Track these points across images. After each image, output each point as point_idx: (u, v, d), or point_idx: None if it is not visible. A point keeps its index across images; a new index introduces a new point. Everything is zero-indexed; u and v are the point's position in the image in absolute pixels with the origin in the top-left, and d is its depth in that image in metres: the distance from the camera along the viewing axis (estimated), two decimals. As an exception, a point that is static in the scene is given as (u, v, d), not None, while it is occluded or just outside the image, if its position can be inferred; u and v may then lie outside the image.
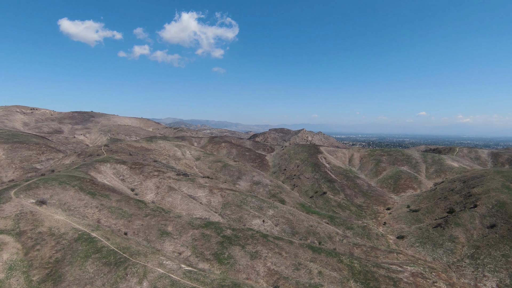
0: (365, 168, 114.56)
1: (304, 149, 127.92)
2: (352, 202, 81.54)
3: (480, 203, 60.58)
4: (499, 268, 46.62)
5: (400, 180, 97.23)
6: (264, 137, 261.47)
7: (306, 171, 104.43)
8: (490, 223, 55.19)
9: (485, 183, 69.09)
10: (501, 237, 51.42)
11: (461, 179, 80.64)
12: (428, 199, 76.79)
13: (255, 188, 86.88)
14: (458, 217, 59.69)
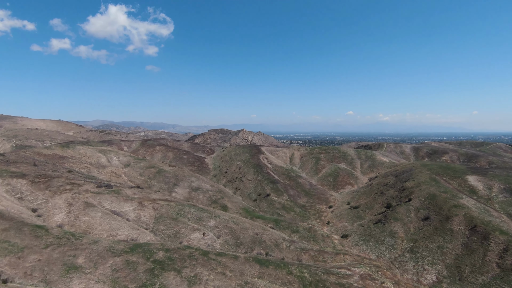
0: (306, 166, 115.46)
1: (245, 150, 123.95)
2: (296, 202, 79.76)
3: (414, 196, 63.49)
4: (436, 260, 48.11)
5: (339, 177, 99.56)
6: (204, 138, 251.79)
7: (248, 172, 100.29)
8: (424, 216, 57.66)
9: (415, 177, 73.45)
10: (434, 229, 53.71)
11: (393, 174, 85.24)
12: (366, 195, 79.01)
13: (194, 195, 79.23)
14: (395, 212, 61.45)
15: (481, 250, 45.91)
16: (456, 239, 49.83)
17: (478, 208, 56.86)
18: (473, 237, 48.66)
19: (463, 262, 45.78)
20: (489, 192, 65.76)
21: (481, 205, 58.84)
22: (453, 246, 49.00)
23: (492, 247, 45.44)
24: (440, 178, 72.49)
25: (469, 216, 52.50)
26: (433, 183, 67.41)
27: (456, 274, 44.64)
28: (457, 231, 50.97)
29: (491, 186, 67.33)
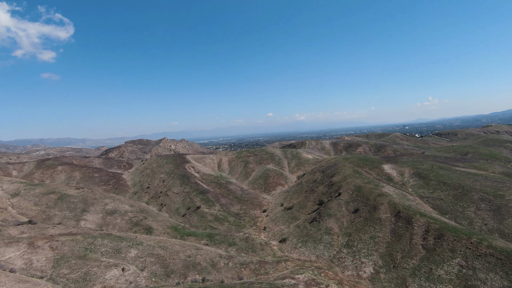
0: (235, 171, 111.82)
1: (169, 160, 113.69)
2: (229, 211, 74.91)
3: (343, 190, 65.40)
4: (371, 251, 49.25)
5: (269, 179, 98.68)
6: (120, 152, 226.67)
7: (174, 185, 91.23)
8: (354, 208, 59.42)
9: (340, 171, 76.57)
10: (365, 220, 55.53)
11: (320, 170, 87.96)
12: (297, 194, 79.17)
13: (110, 220, 67.09)
14: (328, 208, 62.09)
15: (407, 234, 48.64)
16: (385, 227, 52.11)
17: (398, 194, 61.38)
18: (398, 223, 51.51)
19: (394, 249, 47.71)
20: (402, 178, 72.41)
21: (399, 191, 63.83)
22: (383, 234, 51.03)
23: (416, 230, 48.55)
24: (362, 169, 77.17)
25: (393, 203, 55.83)
26: (357, 175, 70.93)
27: (390, 262, 46.11)
28: (385, 219, 53.47)
29: (403, 172, 74.39)
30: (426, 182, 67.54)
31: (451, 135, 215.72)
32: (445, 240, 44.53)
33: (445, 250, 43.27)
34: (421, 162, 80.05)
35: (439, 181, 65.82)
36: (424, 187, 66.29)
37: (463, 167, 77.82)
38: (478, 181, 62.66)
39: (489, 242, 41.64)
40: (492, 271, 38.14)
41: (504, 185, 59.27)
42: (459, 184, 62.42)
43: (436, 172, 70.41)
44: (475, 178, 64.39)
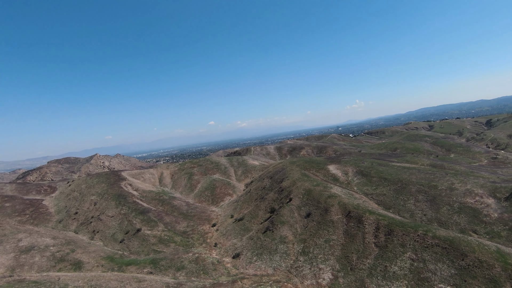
0: (179, 185, 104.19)
1: (101, 179, 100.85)
2: (175, 230, 68.06)
3: (293, 195, 64.13)
4: (327, 255, 48.16)
5: (216, 189, 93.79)
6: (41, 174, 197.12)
7: (109, 207, 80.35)
8: (306, 213, 58.34)
9: (289, 175, 75.71)
10: (318, 224, 54.67)
11: (268, 176, 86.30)
12: (247, 203, 75.97)
13: (26, 259, 54.96)
14: (280, 215, 60.02)
15: (360, 234, 48.81)
16: (338, 229, 51.77)
17: (346, 194, 62.31)
18: (350, 223, 51.62)
19: (349, 250, 47.30)
20: (347, 177, 74.46)
21: (346, 191, 65.02)
22: (337, 236, 50.53)
23: (367, 228, 49.01)
24: (309, 172, 77.50)
25: (343, 203, 56.11)
26: (305, 178, 70.66)
27: (347, 265, 45.42)
28: (337, 221, 53.23)
29: (347, 171, 76.67)
30: (369, 179, 70.31)
31: (380, 133, 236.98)
32: (395, 236, 45.50)
33: (396, 246, 44.06)
34: (362, 160, 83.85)
35: (380, 177, 69.04)
36: (368, 184, 68.86)
37: (397, 162, 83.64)
38: (413, 174, 67.25)
39: (434, 233, 43.60)
40: (440, 261, 39.60)
41: (435, 176, 64.46)
42: (397, 179, 66.11)
43: (376, 169, 73.96)
44: (410, 172, 69.06)
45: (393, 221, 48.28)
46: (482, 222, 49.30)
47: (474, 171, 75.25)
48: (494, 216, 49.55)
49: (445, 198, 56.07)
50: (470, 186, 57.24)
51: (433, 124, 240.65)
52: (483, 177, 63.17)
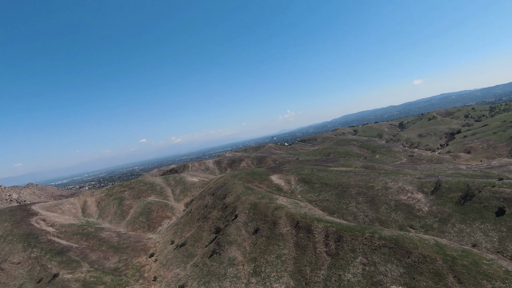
0: (107, 213, 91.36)
1: (4, 217, 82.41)
2: (104, 269, 57.84)
3: (239, 211, 60.35)
4: (280, 272, 45.35)
5: (153, 213, 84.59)
6: None
7: (14, 251, 65.11)
8: (254, 229, 55.05)
9: (231, 190, 71.84)
10: (267, 239, 51.81)
11: (209, 192, 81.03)
12: (189, 225, 69.51)
13: None
14: (227, 235, 55.55)
15: (311, 244, 47.36)
16: (289, 242, 49.61)
17: (291, 203, 61.07)
18: (300, 234, 49.98)
19: (302, 264, 45.30)
20: (290, 186, 73.90)
21: (291, 200, 63.93)
22: (289, 250, 48.27)
23: (317, 237, 47.87)
24: (252, 184, 74.87)
25: (290, 214, 54.44)
26: (249, 191, 67.67)
27: (301, 280, 43.19)
28: (287, 233, 51.13)
29: (289, 180, 76.27)
30: (311, 186, 70.74)
31: (312, 140, 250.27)
32: (344, 242, 45.09)
33: (347, 252, 43.55)
34: (302, 168, 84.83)
35: (322, 183, 70.03)
36: (311, 191, 69.12)
37: (334, 167, 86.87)
38: (351, 177, 69.83)
39: (379, 234, 44.39)
40: (389, 261, 40.03)
41: (370, 177, 67.86)
42: (338, 183, 67.76)
43: (317, 175, 75.11)
44: (348, 175, 71.65)
45: (340, 227, 48.08)
46: (416, 217, 52.48)
47: (400, 169, 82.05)
48: (425, 209, 53.29)
49: (382, 197, 58.80)
50: (401, 184, 61.31)
51: (357, 129, 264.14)
52: (410, 174, 68.76)
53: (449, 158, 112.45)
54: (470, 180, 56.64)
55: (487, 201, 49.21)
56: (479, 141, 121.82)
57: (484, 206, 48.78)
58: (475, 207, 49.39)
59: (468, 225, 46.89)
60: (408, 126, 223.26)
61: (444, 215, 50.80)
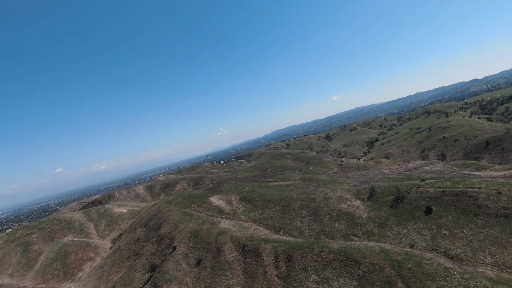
0: (7, 264, 73.27)
1: None
2: None
3: (177, 242, 53.47)
4: (230, 307, 40.37)
5: (70, 257, 70.68)
6: None
7: None
8: (196, 260, 48.98)
9: (167, 218, 64.27)
10: (212, 270, 46.38)
11: (141, 223, 71.49)
12: (117, 265, 59.27)
13: None
14: (165, 272, 48.20)
15: (260, 269, 43.69)
16: (236, 270, 45.08)
17: (235, 226, 56.89)
18: (248, 259, 45.96)
19: (253, 293, 41.18)
20: (231, 206, 69.71)
21: (235, 222, 59.74)
22: (237, 279, 43.70)
23: (266, 260, 44.51)
24: (190, 209, 68.46)
25: (235, 238, 50.16)
26: (188, 218, 61.26)
27: (254, 311, 38.96)
28: (233, 260, 46.56)
29: (230, 200, 72.14)
30: (253, 205, 67.79)
31: (248, 157, 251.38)
32: (295, 261, 42.66)
33: (298, 272, 41.08)
34: (242, 185, 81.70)
35: (264, 200, 67.73)
36: (254, 209, 66.09)
37: (274, 182, 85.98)
38: (292, 191, 69.24)
39: (328, 247, 43.25)
40: (341, 276, 38.76)
41: (310, 189, 68.23)
42: (280, 198, 66.28)
43: (258, 192, 72.71)
44: (289, 189, 70.97)
45: (289, 245, 45.71)
46: (357, 225, 53.49)
47: (335, 178, 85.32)
48: (365, 216, 54.84)
49: (324, 208, 58.96)
50: (340, 193, 62.75)
51: (289, 143, 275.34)
52: (346, 182, 71.41)
53: (373, 164, 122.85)
54: (398, 184, 60.81)
55: (416, 202, 52.82)
56: (395, 147, 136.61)
57: (414, 206, 52.17)
58: (407, 209, 52.52)
59: (404, 226, 49.23)
60: (334, 137, 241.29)
61: (381, 219, 52.76)
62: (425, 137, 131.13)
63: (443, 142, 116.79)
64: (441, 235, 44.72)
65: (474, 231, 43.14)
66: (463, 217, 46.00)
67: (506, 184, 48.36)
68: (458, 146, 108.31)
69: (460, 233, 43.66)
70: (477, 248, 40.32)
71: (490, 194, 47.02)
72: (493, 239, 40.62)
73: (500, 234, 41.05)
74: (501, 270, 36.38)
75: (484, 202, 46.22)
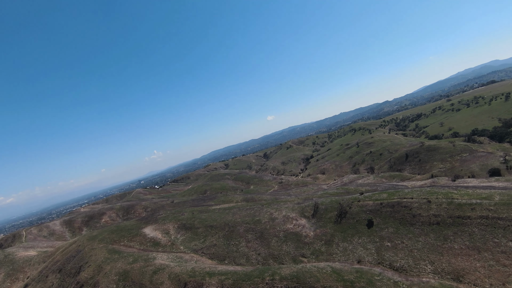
0: None
1: None
2: None
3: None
4: None
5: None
6: None
7: None
8: (126, 308, 40.73)
9: (90, 259, 53.68)
10: (147, 318, 38.88)
11: (55, 268, 58.59)
12: (19, 329, 46.41)
13: None
14: (85, 330, 38.78)
15: (206, 309, 38.07)
16: (177, 314, 38.54)
17: (174, 259, 50.03)
18: (190, 299, 39.88)
19: None
20: (169, 237, 62.21)
21: (174, 255, 52.73)
22: (178, 326, 37.18)
23: (212, 298, 39.14)
24: (120, 245, 58.79)
25: (174, 275, 43.55)
26: (116, 256, 51.97)
27: None
28: (173, 303, 39.90)
29: (168, 230, 64.56)
30: (194, 233, 61.56)
31: (185, 179, 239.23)
32: (245, 295, 38.30)
33: (250, 307, 36.79)
34: (180, 211, 74.60)
35: (206, 227, 62.11)
36: (195, 238, 59.87)
37: (215, 205, 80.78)
38: (236, 214, 65.20)
39: (279, 274, 40.04)
40: (295, 305, 35.75)
41: (255, 210, 65.15)
42: (223, 223, 61.56)
43: (199, 217, 66.76)
44: (232, 212, 66.75)
45: (237, 277, 41.20)
46: (305, 244, 51.85)
47: (277, 197, 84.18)
48: (311, 234, 53.65)
49: (270, 230, 56.23)
50: (285, 212, 61.02)
51: (228, 163, 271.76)
52: (290, 201, 70.37)
53: (311, 180, 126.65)
54: (340, 199, 61.84)
55: (358, 216, 53.76)
56: (329, 163, 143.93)
57: (357, 220, 52.93)
58: (351, 223, 53.01)
59: (349, 242, 49.15)
60: (271, 155, 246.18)
61: (328, 236, 52.12)
62: (355, 152, 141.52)
63: (371, 156, 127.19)
64: (385, 247, 45.50)
65: (413, 240, 44.90)
66: (402, 227, 47.87)
67: (433, 193, 52.48)
68: (383, 160, 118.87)
69: (401, 244, 44.99)
70: (418, 257, 41.62)
71: (422, 203, 50.23)
72: (430, 247, 42.58)
73: (435, 241, 43.33)
74: (442, 277, 37.75)
75: (418, 211, 49.00)
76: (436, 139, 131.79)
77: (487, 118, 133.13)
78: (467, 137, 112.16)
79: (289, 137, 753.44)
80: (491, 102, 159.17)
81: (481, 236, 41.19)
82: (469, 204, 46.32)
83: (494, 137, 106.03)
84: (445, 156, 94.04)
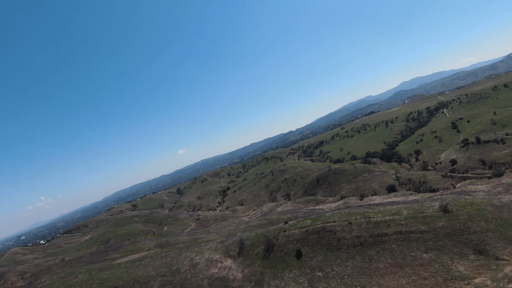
0: None
1: None
2: None
3: None
4: None
5: None
6: None
7: None
8: None
9: None
10: None
11: None
12: None
13: None
14: None
15: None
16: None
17: None
18: None
19: None
20: (54, 312, 46.76)
21: None
22: None
23: None
24: None
25: None
26: None
27: None
28: None
29: (53, 302, 48.80)
30: (92, 300, 47.97)
31: (82, 228, 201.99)
32: None
33: None
34: (73, 273, 58.69)
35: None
36: (93, 308, 46.46)
37: (121, 257, 67.09)
38: (149, 265, 54.43)
39: (208, 337, 32.71)
40: None
41: (172, 258, 55.79)
42: (133, 280, 50.11)
43: (99, 278, 53.14)
44: (143, 264, 55.62)
45: None
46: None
47: (196, 237, 75.77)
48: (239, 276, 47.89)
49: (192, 279, 48.05)
50: (208, 255, 53.88)
51: (135, 203, 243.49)
52: (211, 240, 63.34)
53: (230, 213, 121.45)
54: (265, 231, 58.45)
55: (286, 247, 50.95)
56: (246, 193, 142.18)
57: (285, 253, 49.96)
58: (279, 257, 49.66)
59: (281, 278, 45.37)
60: (186, 190, 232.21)
61: (257, 275, 47.29)
62: (270, 180, 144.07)
63: (286, 183, 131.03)
64: (317, 278, 43.26)
65: (342, 266, 44.04)
66: (330, 254, 46.90)
67: (352, 214, 54.22)
68: (297, 185, 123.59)
69: (332, 272, 43.53)
70: (349, 284, 40.47)
71: (344, 226, 50.89)
72: (359, 270, 42.21)
73: (362, 263, 43.34)
74: (375, 302, 37.02)
75: (342, 235, 49.21)
76: (339, 162, 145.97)
77: (375, 142, 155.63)
78: (363, 159, 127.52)
79: (203, 170, 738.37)
80: (376, 128, 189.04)
81: (400, 252, 43.04)
82: (384, 222, 48.85)
83: (384, 157, 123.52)
84: (350, 178, 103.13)
